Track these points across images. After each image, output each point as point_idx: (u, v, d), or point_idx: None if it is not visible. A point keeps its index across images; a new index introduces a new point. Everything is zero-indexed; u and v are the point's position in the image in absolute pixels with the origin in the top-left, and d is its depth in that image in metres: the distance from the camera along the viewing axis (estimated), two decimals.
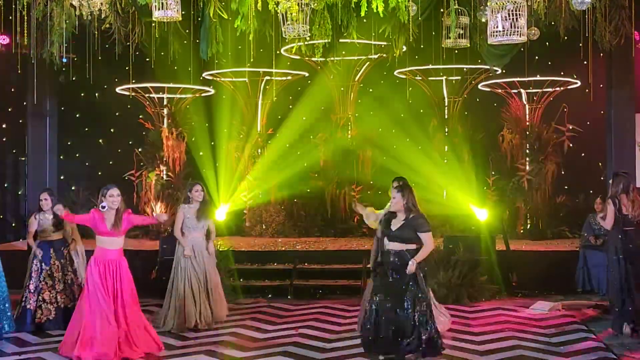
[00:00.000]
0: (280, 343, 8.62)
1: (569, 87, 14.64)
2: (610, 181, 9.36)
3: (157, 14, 7.49)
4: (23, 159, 14.38)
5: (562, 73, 14.81)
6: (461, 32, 8.78)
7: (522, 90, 14.74)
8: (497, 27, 6.77)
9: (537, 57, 14.62)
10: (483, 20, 8.83)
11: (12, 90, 14.69)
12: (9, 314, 9.04)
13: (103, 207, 7.78)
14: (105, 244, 7.89)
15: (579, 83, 14.44)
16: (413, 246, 7.49)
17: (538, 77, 14.42)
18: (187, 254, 9.31)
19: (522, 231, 14.54)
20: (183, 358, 7.93)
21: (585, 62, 11.68)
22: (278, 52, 14.47)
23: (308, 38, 7.98)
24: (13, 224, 15.23)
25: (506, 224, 13.53)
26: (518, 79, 14.41)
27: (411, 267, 7.31)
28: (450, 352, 8.07)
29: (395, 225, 7.47)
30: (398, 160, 15.46)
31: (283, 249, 13.13)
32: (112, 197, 7.85)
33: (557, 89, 14.64)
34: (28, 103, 10.84)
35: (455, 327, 9.38)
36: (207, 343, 8.61)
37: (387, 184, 12.36)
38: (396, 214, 7.50)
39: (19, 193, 15.44)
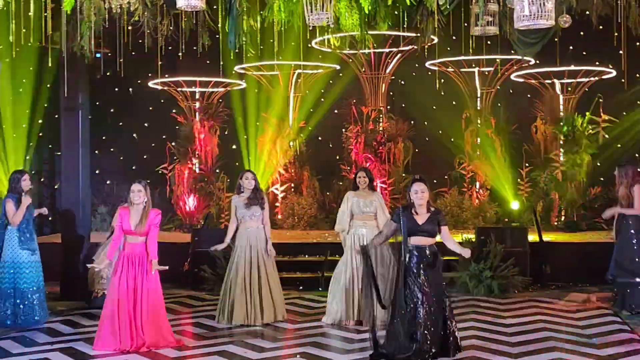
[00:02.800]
0: (310, 334, 8.64)
1: (603, 77, 14.43)
2: (618, 172, 9.70)
3: (180, 4, 7.49)
4: (59, 153, 14.57)
5: (597, 63, 14.60)
6: (490, 19, 8.68)
7: (556, 81, 14.58)
8: (523, 11, 6.65)
9: (571, 47, 14.43)
10: (512, 7, 8.71)
11: (48, 86, 14.92)
12: (44, 305, 9.25)
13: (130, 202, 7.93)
14: (130, 239, 7.96)
15: (614, 73, 14.23)
16: (435, 239, 7.57)
17: (572, 67, 14.23)
18: (217, 248, 9.37)
19: (556, 223, 14.39)
20: (213, 348, 7.97)
21: (620, 51, 11.49)
22: (309, 45, 14.50)
23: (332, 25, 7.93)
24: (50, 218, 15.47)
25: (539, 216, 13.39)
26: (552, 69, 14.24)
27: (467, 253, 7.58)
28: (482, 344, 8.01)
29: (420, 219, 7.45)
30: (430, 153, 15.42)
31: (314, 241, 13.14)
32: (133, 193, 7.90)
33: (592, 79, 14.43)
34: (61, 98, 10.96)
35: (486, 319, 9.33)
36: (238, 334, 8.65)
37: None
38: (414, 209, 7.46)
39: (55, 187, 15.67)
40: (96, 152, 15.59)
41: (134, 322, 7.81)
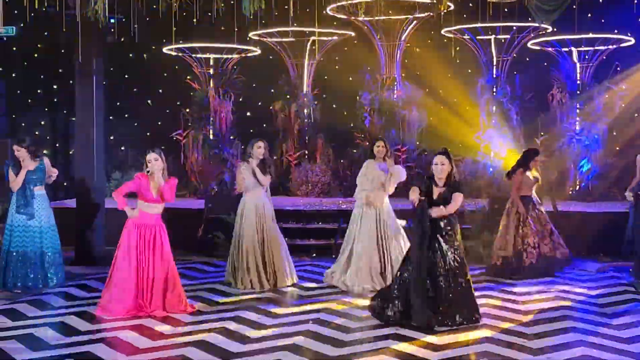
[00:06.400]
0: (323, 300, 8.68)
1: (622, 45, 14.25)
2: None
3: None
4: (73, 119, 14.63)
5: (615, 31, 14.41)
6: None
7: (574, 49, 14.40)
8: None
9: (589, 15, 14.23)
10: None
11: (63, 51, 14.93)
12: (59, 267, 9.35)
13: (148, 171, 7.91)
14: (148, 208, 7.98)
15: (633, 41, 14.04)
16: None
17: (590, 35, 14.04)
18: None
19: (571, 192, 14.31)
20: (226, 314, 8.03)
21: (639, 19, 11.33)
22: (324, 11, 14.38)
23: None
24: (65, 183, 15.55)
25: (554, 185, 13.32)
26: (569, 36, 14.06)
27: (439, 212, 7.38)
28: (494, 312, 8.03)
29: (436, 192, 7.44)
30: (444, 121, 15.32)
31: (328, 208, 13.14)
32: (151, 163, 7.90)
33: (610, 47, 14.25)
34: (75, 63, 10.98)
35: (499, 288, 9.35)
36: (251, 299, 8.71)
37: (432, 145, 12.30)
38: (435, 180, 7.45)
39: (70, 153, 15.74)
40: (110, 118, 15.62)
41: (147, 289, 7.87)
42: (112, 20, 11.78)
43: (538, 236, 10.01)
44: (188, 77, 15.82)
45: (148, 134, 16.37)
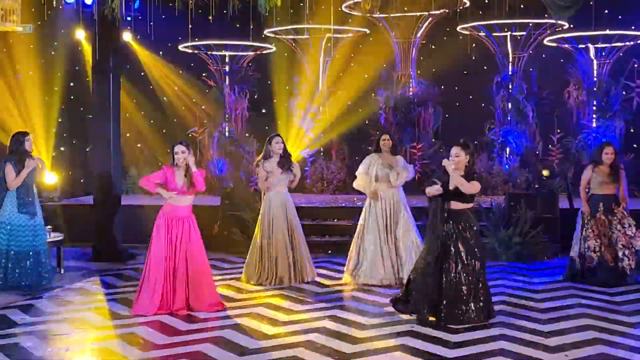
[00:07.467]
0: (338, 297, 8.70)
1: (639, 41, 14.16)
2: None
3: None
4: (90, 116, 14.71)
5: (632, 27, 14.33)
6: None
7: (590, 45, 14.33)
8: None
9: (606, 11, 14.15)
10: None
11: (80, 48, 14.99)
12: (48, 267, 9.26)
13: (175, 164, 7.90)
14: (176, 201, 7.93)
15: None
16: (470, 205, 7.51)
17: (607, 32, 13.97)
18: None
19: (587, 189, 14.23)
20: (243, 310, 8.06)
21: None
22: (340, 8, 14.39)
23: None
24: (82, 180, 15.63)
25: (571, 182, 13.27)
26: (586, 33, 13.99)
27: (457, 179, 7.30)
28: (511, 310, 8.02)
29: (452, 184, 7.42)
30: (460, 118, 15.29)
31: (343, 205, 13.15)
32: (177, 155, 7.90)
33: (627, 43, 14.17)
34: (92, 61, 11.05)
35: (515, 285, 9.32)
36: (268, 296, 8.74)
37: (448, 142, 12.21)
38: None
39: (87, 150, 15.80)
40: (127, 114, 15.69)
41: (174, 285, 7.84)
42: (129, 18, 11.83)
43: (600, 240, 9.34)
44: (204, 74, 15.87)
45: (164, 131, 16.42)
